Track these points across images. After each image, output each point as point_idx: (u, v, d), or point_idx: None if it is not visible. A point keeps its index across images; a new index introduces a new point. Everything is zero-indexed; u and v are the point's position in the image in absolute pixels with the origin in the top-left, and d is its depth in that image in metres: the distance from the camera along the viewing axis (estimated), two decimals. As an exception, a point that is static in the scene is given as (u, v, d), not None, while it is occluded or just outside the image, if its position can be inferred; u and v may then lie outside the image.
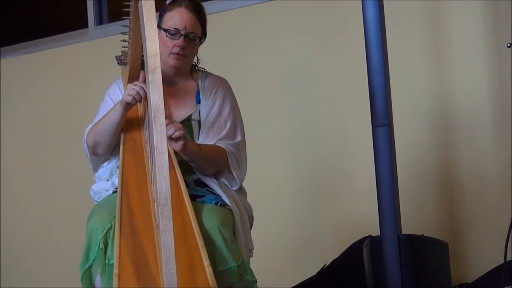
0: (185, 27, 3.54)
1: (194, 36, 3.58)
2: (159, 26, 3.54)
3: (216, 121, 3.60)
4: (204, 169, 3.53)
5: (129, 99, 3.41)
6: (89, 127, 3.63)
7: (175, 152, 3.45)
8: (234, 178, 3.57)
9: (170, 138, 3.25)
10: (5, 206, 6.22)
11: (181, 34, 3.53)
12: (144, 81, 3.38)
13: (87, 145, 3.62)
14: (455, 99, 4.85)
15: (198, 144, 3.50)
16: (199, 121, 3.62)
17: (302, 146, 5.28)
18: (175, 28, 3.53)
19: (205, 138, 3.58)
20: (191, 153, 3.42)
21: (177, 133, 3.26)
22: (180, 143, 3.31)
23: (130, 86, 3.43)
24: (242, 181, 3.64)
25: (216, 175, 3.56)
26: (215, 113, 3.61)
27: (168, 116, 3.35)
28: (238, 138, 3.63)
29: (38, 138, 6.15)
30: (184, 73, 3.69)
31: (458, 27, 4.85)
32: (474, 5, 4.78)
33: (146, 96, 3.40)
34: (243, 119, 3.73)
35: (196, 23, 3.58)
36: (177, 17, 3.54)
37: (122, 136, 3.57)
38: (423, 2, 4.92)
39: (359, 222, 4.78)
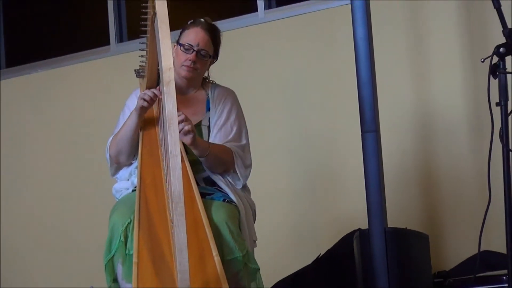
0: (198, 44, 3.57)
1: (205, 53, 3.60)
2: (177, 41, 3.58)
3: (224, 126, 3.62)
4: (212, 165, 3.53)
5: (141, 103, 3.46)
6: (110, 138, 3.66)
7: (187, 154, 3.47)
8: (238, 177, 3.57)
9: (181, 133, 3.27)
10: (32, 205, 6.21)
11: (194, 50, 3.56)
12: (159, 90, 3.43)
13: (110, 155, 3.65)
14: (434, 109, 4.86)
15: (207, 142, 3.53)
16: (208, 126, 3.63)
17: (301, 152, 5.28)
18: (189, 44, 3.56)
19: (213, 141, 3.59)
20: (200, 147, 3.43)
21: (186, 127, 3.28)
22: (190, 136, 3.33)
23: (141, 94, 3.48)
24: (246, 180, 3.63)
25: (223, 174, 3.57)
26: (223, 119, 3.63)
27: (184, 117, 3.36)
28: (243, 142, 3.64)
29: (63, 144, 6.13)
30: (195, 84, 3.71)
31: (438, 45, 4.86)
32: (451, 25, 4.79)
33: (158, 100, 3.47)
34: (249, 127, 3.74)
35: (208, 42, 3.61)
36: (193, 35, 3.58)
37: (140, 140, 3.59)
38: (408, 23, 4.93)
39: (350, 217, 4.78)
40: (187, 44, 3.58)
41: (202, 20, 3.66)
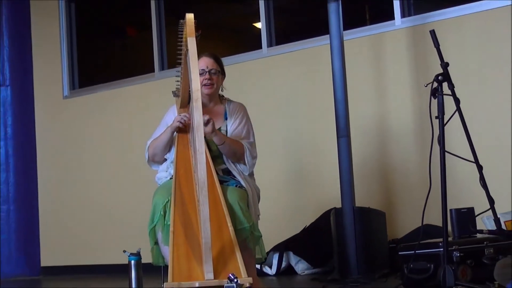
0: (207, 67, 3.57)
1: (215, 71, 3.60)
2: None
3: (237, 128, 3.61)
4: (228, 152, 3.50)
5: (177, 125, 3.50)
6: (149, 142, 3.66)
7: (210, 151, 3.47)
8: (246, 165, 3.55)
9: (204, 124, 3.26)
10: (96, 190, 6.23)
11: (206, 71, 3.56)
12: (189, 113, 3.46)
13: (148, 155, 3.66)
14: (391, 120, 4.86)
15: (225, 136, 3.52)
16: (226, 131, 3.62)
17: (293, 152, 5.28)
18: (202, 69, 3.54)
19: None
20: (219, 135, 3.44)
21: (205, 118, 3.26)
22: (210, 124, 3.34)
23: (178, 117, 3.50)
24: (253, 167, 3.60)
25: (236, 163, 3.56)
26: (237, 124, 3.62)
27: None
28: (251, 139, 3.62)
29: (117, 145, 6.14)
30: (215, 100, 3.69)
31: (394, 74, 4.86)
32: (404, 60, 4.79)
33: (189, 120, 3.47)
34: (254, 132, 3.74)
35: (214, 63, 3.61)
36: (202, 63, 3.57)
37: (176, 141, 3.58)
38: (372, 58, 4.93)
39: (328, 199, 4.78)
40: (200, 70, 3.56)
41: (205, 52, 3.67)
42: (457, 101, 2.91)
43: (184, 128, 3.56)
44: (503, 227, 3.74)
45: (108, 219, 6.12)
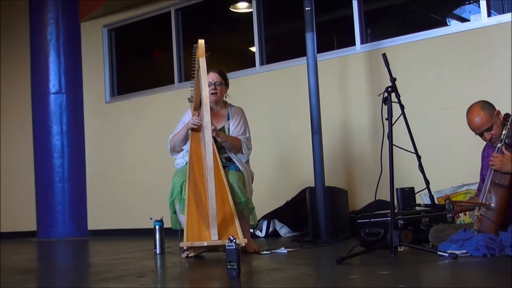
0: (213, 80, 3.54)
1: (218, 83, 3.58)
2: None
3: (237, 127, 3.60)
4: (229, 147, 3.50)
5: (191, 126, 3.48)
6: (170, 136, 3.66)
7: (215, 143, 3.45)
8: (244, 155, 3.55)
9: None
10: (133, 172, 6.21)
11: (212, 83, 3.53)
12: (199, 116, 3.44)
13: (170, 146, 3.65)
14: (352, 121, 4.86)
15: (226, 135, 3.51)
16: (228, 129, 3.61)
17: (278, 145, 5.26)
18: (209, 82, 3.51)
19: (232, 135, 3.58)
20: (220, 137, 3.43)
21: (211, 128, 3.25)
22: (213, 132, 3.32)
23: (191, 120, 3.49)
24: (248, 156, 3.59)
25: (236, 154, 3.55)
26: (237, 123, 3.60)
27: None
28: (247, 135, 3.61)
29: (147, 139, 6.11)
30: (220, 104, 3.66)
31: (355, 87, 4.85)
32: (362, 75, 4.78)
33: (200, 123, 3.44)
34: (250, 129, 3.73)
35: (218, 76, 3.59)
36: (210, 77, 3.54)
37: (190, 136, 3.56)
38: (339, 75, 4.92)
39: (304, 180, 4.78)
40: (208, 82, 3.54)
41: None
42: (402, 107, 2.91)
43: (196, 128, 3.56)
44: (436, 202, 3.75)
45: (138, 194, 6.10)
